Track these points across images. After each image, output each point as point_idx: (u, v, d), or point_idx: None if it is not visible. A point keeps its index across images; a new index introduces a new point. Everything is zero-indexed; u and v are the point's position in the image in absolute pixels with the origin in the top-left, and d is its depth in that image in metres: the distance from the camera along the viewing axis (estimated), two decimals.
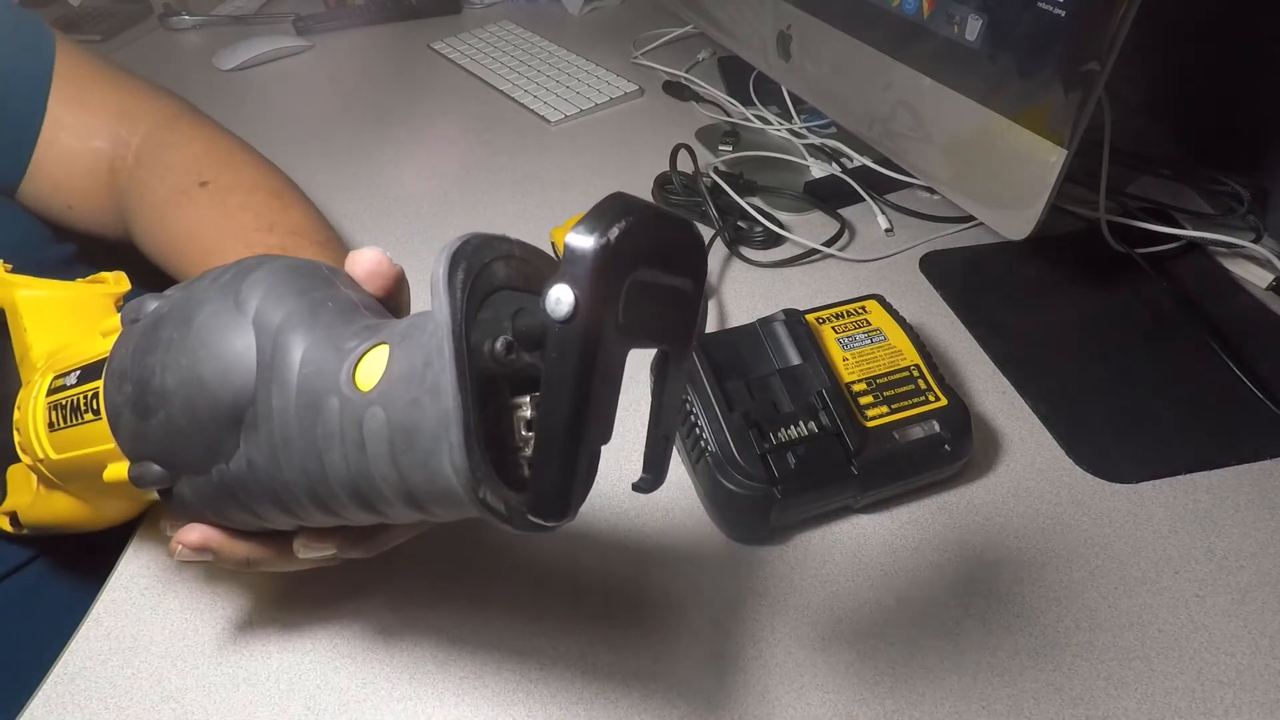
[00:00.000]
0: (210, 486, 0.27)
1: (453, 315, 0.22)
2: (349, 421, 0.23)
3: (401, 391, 0.23)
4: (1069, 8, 0.43)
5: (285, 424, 0.25)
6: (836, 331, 0.47)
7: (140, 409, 0.27)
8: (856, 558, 0.42)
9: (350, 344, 0.25)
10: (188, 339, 0.26)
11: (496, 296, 0.24)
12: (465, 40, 1.02)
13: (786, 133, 0.78)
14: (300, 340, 0.25)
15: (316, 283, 0.27)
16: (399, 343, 0.24)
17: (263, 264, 0.27)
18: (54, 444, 0.33)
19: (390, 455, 0.23)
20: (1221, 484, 0.46)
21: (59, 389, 0.32)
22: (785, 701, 0.37)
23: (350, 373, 0.24)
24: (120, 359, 0.29)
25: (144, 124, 0.56)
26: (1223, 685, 0.37)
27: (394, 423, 0.23)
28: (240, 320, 0.26)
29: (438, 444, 0.22)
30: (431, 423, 0.22)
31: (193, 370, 0.26)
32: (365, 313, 0.27)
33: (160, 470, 0.28)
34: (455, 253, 0.22)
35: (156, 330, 0.28)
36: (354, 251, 0.30)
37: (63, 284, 0.38)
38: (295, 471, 0.25)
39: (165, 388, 0.26)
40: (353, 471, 0.24)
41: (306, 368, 0.25)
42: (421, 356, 0.23)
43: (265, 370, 0.25)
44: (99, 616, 0.40)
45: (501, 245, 0.24)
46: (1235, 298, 0.59)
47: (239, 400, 0.25)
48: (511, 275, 0.24)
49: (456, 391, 0.21)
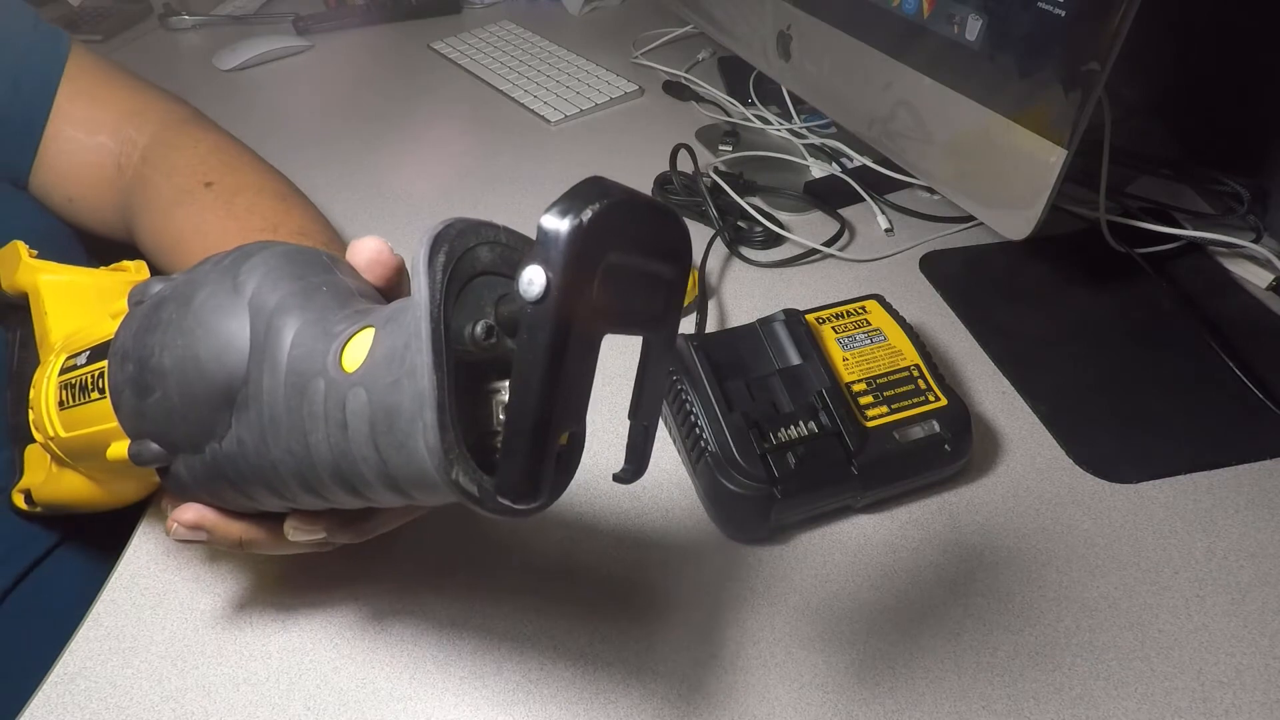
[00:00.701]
0: (204, 465, 0.28)
1: (431, 297, 0.22)
2: (333, 403, 0.24)
3: (383, 373, 0.23)
4: (1069, 8, 0.43)
5: (274, 404, 0.25)
6: (836, 331, 0.47)
7: (140, 387, 0.28)
8: (856, 558, 0.42)
9: (339, 327, 0.25)
10: (185, 319, 0.27)
11: (480, 281, 0.24)
12: (465, 40, 1.02)
13: (786, 133, 0.78)
14: (293, 323, 0.25)
15: (314, 268, 0.28)
16: (383, 325, 0.24)
17: (262, 249, 0.28)
18: (63, 422, 0.33)
19: (370, 436, 0.23)
20: (1221, 484, 0.46)
21: (70, 368, 0.33)
22: (785, 701, 0.37)
23: (337, 355, 0.24)
24: (123, 339, 0.29)
25: (152, 125, 0.56)
26: (1223, 685, 0.37)
27: (375, 404, 0.23)
28: (237, 302, 0.26)
29: (413, 425, 0.22)
30: (409, 403, 0.22)
31: (189, 349, 0.26)
32: (360, 299, 0.28)
33: (158, 449, 0.28)
34: (438, 236, 0.23)
35: (158, 311, 0.28)
36: (356, 240, 0.30)
37: (85, 270, 0.40)
38: (282, 451, 0.25)
39: (163, 366, 0.27)
40: (335, 452, 0.24)
41: (297, 349, 0.25)
42: (403, 339, 0.23)
43: (258, 351, 0.26)
44: (99, 616, 0.40)
45: (487, 231, 0.24)
46: (1235, 298, 0.59)
47: (232, 380, 0.26)
48: (496, 261, 0.25)
49: (432, 372, 0.21)
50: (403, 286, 0.32)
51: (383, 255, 0.30)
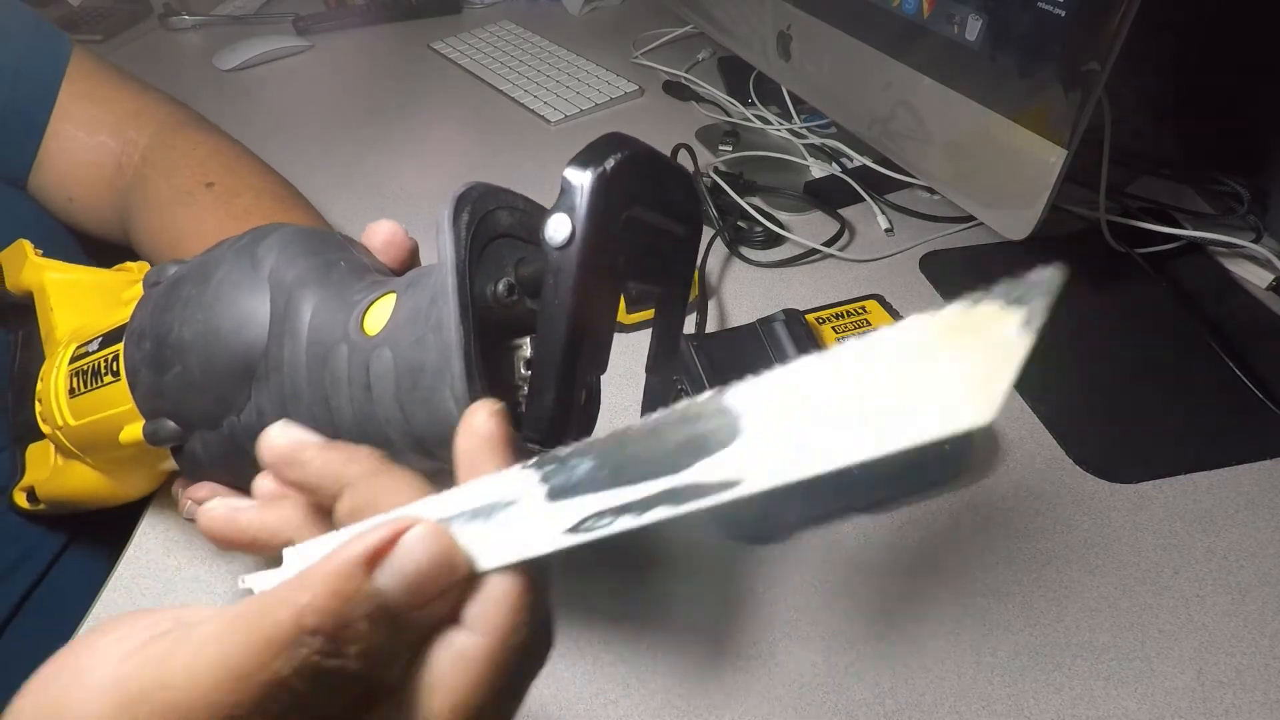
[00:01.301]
0: (221, 441, 0.28)
1: (456, 251, 0.22)
2: (356, 365, 0.24)
3: (407, 332, 0.23)
4: (1069, 8, 0.43)
5: (295, 373, 0.25)
6: (836, 331, 0.47)
7: (158, 364, 0.28)
8: (857, 558, 0.42)
9: (359, 296, 0.25)
10: (205, 295, 0.27)
11: (500, 243, 0.25)
12: (465, 40, 1.02)
13: (786, 133, 0.78)
14: (312, 295, 0.26)
15: (330, 246, 0.28)
16: (405, 289, 0.24)
17: (278, 229, 0.29)
18: (73, 410, 0.34)
19: (395, 395, 0.23)
20: (1221, 484, 0.46)
21: (80, 356, 0.33)
22: (786, 701, 0.37)
23: (359, 320, 0.25)
24: (140, 319, 0.30)
25: (153, 126, 0.56)
26: (1223, 685, 0.37)
27: (400, 362, 0.23)
28: (255, 278, 0.27)
29: (440, 379, 0.22)
30: (435, 357, 0.22)
31: (209, 323, 0.27)
32: (376, 275, 0.28)
33: (174, 426, 0.29)
34: (461, 196, 0.23)
35: (176, 289, 0.28)
36: (371, 223, 0.31)
37: (90, 269, 0.40)
38: (304, 419, 0.25)
39: (183, 340, 0.27)
40: (359, 415, 0.24)
41: (318, 318, 0.25)
42: (427, 296, 0.23)
43: (278, 323, 0.26)
44: (99, 617, 0.40)
45: (505, 196, 0.25)
46: (1235, 298, 0.59)
47: (251, 352, 0.26)
48: (515, 226, 0.25)
49: (459, 323, 0.22)
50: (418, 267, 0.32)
51: (397, 237, 0.30)
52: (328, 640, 0.17)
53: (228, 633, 0.17)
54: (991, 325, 0.12)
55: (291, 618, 0.16)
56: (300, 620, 0.16)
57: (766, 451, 0.14)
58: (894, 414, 0.13)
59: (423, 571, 0.18)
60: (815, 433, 0.13)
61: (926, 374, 0.12)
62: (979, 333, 0.12)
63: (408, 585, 0.17)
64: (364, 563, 0.17)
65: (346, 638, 0.17)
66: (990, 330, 0.12)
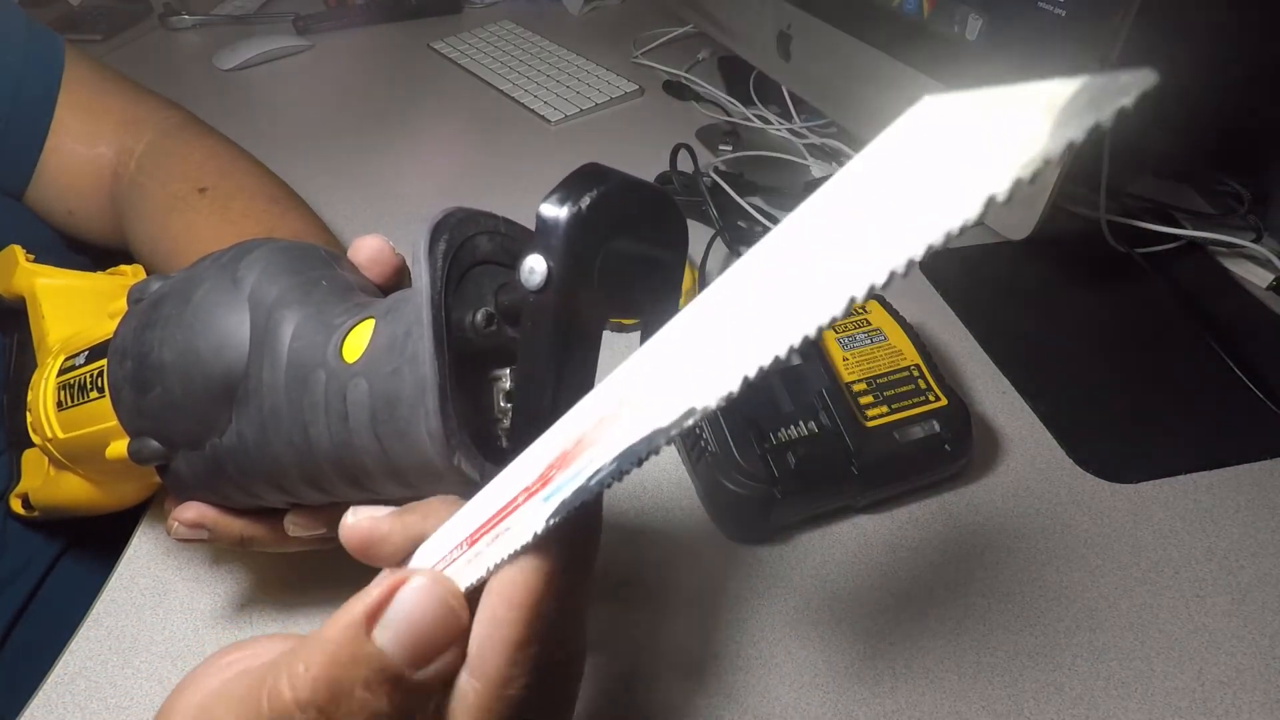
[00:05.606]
0: (204, 461, 0.28)
1: (431, 283, 0.22)
2: (334, 393, 0.24)
3: (384, 362, 0.23)
4: (1069, 7, 0.43)
5: (275, 396, 0.25)
6: (836, 331, 0.47)
7: (139, 384, 0.28)
8: (856, 558, 0.42)
9: (340, 319, 0.25)
10: (185, 314, 0.27)
11: (480, 270, 0.24)
12: (465, 40, 1.02)
13: (786, 133, 0.78)
14: (293, 316, 0.26)
15: (313, 263, 0.28)
16: (384, 316, 0.24)
17: (261, 244, 0.28)
18: (62, 423, 0.33)
19: (371, 425, 0.23)
20: (1221, 484, 0.46)
21: (69, 369, 0.33)
22: (786, 701, 0.37)
23: (338, 346, 0.24)
24: (123, 336, 0.29)
25: (149, 133, 0.56)
26: (1223, 685, 0.37)
27: (375, 392, 0.23)
28: (236, 297, 0.26)
29: (415, 411, 0.22)
30: (410, 390, 0.22)
31: (188, 344, 0.26)
32: (360, 294, 0.28)
33: (157, 445, 0.28)
34: (438, 223, 0.23)
35: (157, 308, 0.28)
36: (358, 239, 0.30)
37: (82, 274, 0.40)
38: (282, 444, 0.25)
39: (163, 361, 0.27)
40: (335, 443, 0.24)
41: (297, 342, 0.25)
42: (404, 326, 0.23)
43: (258, 345, 0.26)
44: (99, 616, 0.40)
45: (486, 220, 0.24)
46: (1235, 298, 0.59)
47: (232, 374, 0.26)
48: (496, 250, 0.25)
49: (433, 357, 0.21)
50: (404, 284, 0.32)
51: (384, 254, 0.30)
52: (320, 714, 0.16)
53: (238, 705, 0.17)
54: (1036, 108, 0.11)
55: (284, 692, 0.16)
56: (295, 696, 0.16)
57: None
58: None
59: (422, 625, 0.17)
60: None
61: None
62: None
63: (406, 642, 0.17)
64: (364, 622, 0.17)
65: (343, 709, 0.16)
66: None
